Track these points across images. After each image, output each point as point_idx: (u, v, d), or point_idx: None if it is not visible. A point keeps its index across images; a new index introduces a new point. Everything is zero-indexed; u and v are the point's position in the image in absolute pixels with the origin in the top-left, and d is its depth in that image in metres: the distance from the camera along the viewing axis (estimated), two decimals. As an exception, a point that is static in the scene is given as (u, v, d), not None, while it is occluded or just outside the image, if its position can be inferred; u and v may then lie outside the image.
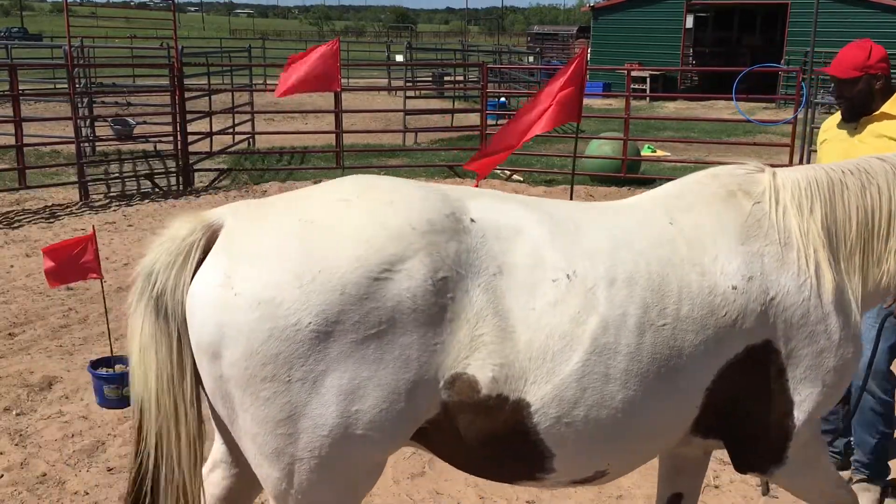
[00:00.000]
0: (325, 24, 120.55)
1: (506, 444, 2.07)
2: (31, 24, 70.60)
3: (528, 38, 49.46)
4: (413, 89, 20.61)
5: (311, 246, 1.92)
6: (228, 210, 2.14)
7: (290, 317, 1.86)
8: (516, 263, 2.04)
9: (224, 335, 1.91)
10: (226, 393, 1.96)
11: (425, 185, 2.19)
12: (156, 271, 2.05)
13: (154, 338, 2.04)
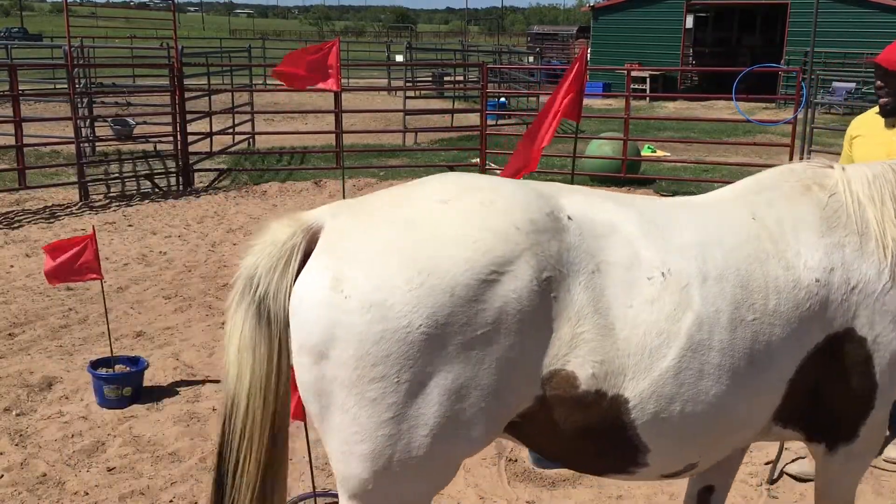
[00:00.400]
0: (324, 24, 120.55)
1: (601, 437, 2.11)
2: (31, 24, 70.59)
3: (528, 38, 49.46)
4: (413, 89, 20.61)
5: (418, 249, 1.94)
6: (327, 212, 2.15)
7: (402, 319, 1.89)
8: (613, 261, 2.08)
9: (334, 336, 1.93)
10: (325, 392, 1.98)
11: (519, 183, 2.21)
12: (258, 275, 2.10)
13: (253, 340, 2.09)
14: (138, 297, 6.57)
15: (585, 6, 31.50)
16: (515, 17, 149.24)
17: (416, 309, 1.89)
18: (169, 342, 5.66)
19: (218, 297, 6.61)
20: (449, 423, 1.95)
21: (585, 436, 2.10)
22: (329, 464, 4.09)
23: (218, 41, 39.32)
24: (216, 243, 8.29)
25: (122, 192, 10.83)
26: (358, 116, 18.64)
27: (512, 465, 4.07)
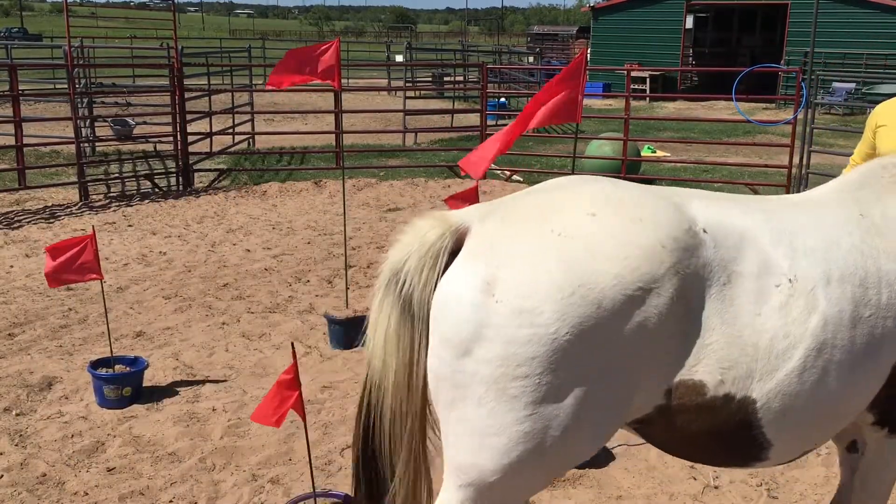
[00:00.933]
0: (324, 25, 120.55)
1: (726, 436, 2.21)
2: (31, 24, 70.59)
3: (527, 38, 49.47)
4: (413, 89, 20.61)
5: (569, 260, 2.03)
6: (475, 215, 2.25)
7: (550, 326, 1.99)
8: (743, 272, 2.16)
9: (481, 336, 2.03)
10: (462, 385, 2.07)
11: (655, 194, 2.26)
12: (405, 272, 2.20)
13: (398, 332, 2.21)
14: (138, 297, 6.57)
15: (585, 6, 31.50)
16: (515, 18, 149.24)
17: (563, 318, 1.99)
18: (169, 342, 5.66)
19: (218, 297, 6.61)
20: (577, 425, 2.06)
21: (709, 435, 2.20)
22: (329, 464, 4.10)
23: (218, 41, 39.34)
24: (216, 243, 8.29)
25: (122, 192, 10.83)
26: (358, 116, 18.64)
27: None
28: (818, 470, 4.08)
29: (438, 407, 2.18)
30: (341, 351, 5.53)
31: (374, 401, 2.30)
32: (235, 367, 5.26)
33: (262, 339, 5.76)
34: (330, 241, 8.42)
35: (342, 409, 4.67)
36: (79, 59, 12.99)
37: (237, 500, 3.75)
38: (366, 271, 7.39)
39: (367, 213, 9.82)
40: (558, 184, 2.34)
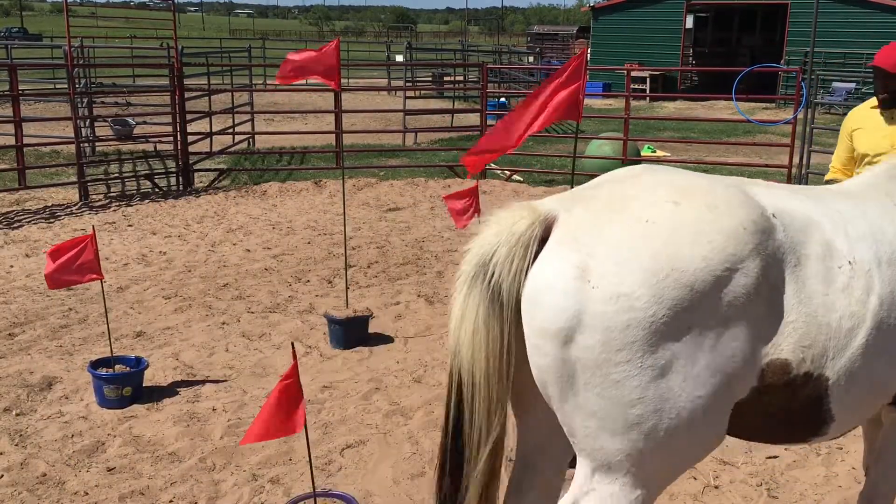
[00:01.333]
0: (324, 25, 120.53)
1: (799, 414, 2.32)
2: (31, 24, 70.60)
3: (527, 38, 49.47)
4: (413, 89, 20.61)
5: (659, 245, 2.12)
6: (559, 205, 2.29)
7: (647, 309, 2.06)
8: (810, 254, 2.27)
9: (581, 322, 2.10)
10: (568, 373, 2.14)
11: (721, 182, 2.36)
12: (494, 262, 2.23)
13: (486, 324, 2.25)
14: (138, 297, 6.57)
15: (585, 6, 31.49)
16: (515, 17, 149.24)
17: (660, 300, 2.06)
18: (169, 342, 5.66)
19: (218, 297, 6.61)
20: (687, 407, 2.12)
21: (784, 414, 2.30)
22: (329, 464, 4.10)
23: (218, 41, 39.33)
24: (216, 243, 8.29)
25: (122, 192, 10.83)
26: (358, 116, 18.63)
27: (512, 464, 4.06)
28: (818, 470, 4.08)
29: (551, 399, 2.23)
30: (341, 351, 5.53)
31: (465, 395, 2.33)
32: (235, 367, 5.26)
33: (262, 339, 5.76)
34: (330, 240, 8.42)
35: (342, 409, 4.67)
36: (79, 59, 12.99)
37: (237, 500, 3.75)
38: (366, 271, 7.39)
39: (367, 213, 9.82)
40: (628, 174, 2.41)
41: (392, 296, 6.69)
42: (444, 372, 5.19)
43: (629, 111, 11.78)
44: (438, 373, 5.19)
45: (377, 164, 13.20)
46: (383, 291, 6.82)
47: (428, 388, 4.96)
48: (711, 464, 4.09)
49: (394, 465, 4.06)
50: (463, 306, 2.29)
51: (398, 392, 4.90)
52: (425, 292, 6.78)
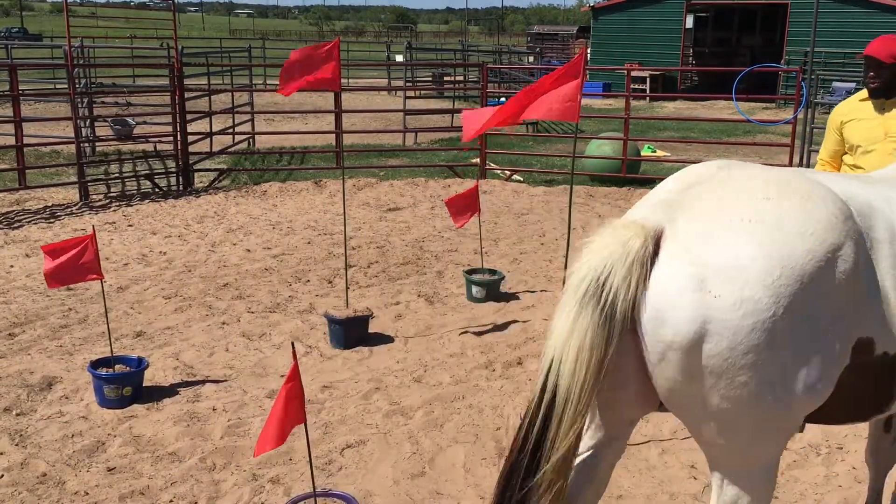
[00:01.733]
0: (324, 24, 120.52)
1: (871, 392, 2.41)
2: (31, 24, 70.58)
3: (527, 38, 49.47)
4: (413, 89, 20.61)
5: (766, 244, 2.18)
6: (659, 216, 2.33)
7: (768, 311, 2.13)
8: (879, 238, 2.37)
9: (707, 332, 2.15)
10: (695, 380, 2.21)
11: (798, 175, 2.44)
12: (610, 283, 2.25)
13: (593, 342, 2.25)
14: (138, 297, 6.57)
15: (585, 6, 31.48)
16: (515, 17, 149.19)
17: (777, 300, 2.13)
18: (169, 342, 5.66)
19: (218, 296, 6.61)
20: (802, 394, 2.21)
21: (859, 392, 2.37)
22: (329, 464, 4.10)
23: (218, 41, 39.33)
24: (216, 243, 8.29)
25: (122, 192, 10.83)
26: (358, 116, 18.64)
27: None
28: (818, 469, 4.08)
29: (675, 406, 2.32)
30: (341, 351, 5.53)
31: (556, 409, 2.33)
32: (235, 367, 5.26)
33: (262, 339, 5.76)
34: (330, 240, 8.42)
35: (342, 408, 4.67)
36: (79, 59, 12.99)
37: (237, 500, 3.75)
38: (366, 271, 7.39)
39: (367, 212, 9.82)
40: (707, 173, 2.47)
41: (392, 296, 6.70)
42: (445, 371, 5.19)
43: (629, 111, 11.78)
44: (438, 373, 5.19)
45: (377, 164, 13.20)
46: (383, 291, 6.82)
47: (428, 388, 4.96)
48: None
49: (394, 465, 4.06)
50: (572, 327, 2.29)
51: (398, 392, 4.90)
52: (425, 292, 6.78)
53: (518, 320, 6.15)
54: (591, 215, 9.81)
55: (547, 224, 9.32)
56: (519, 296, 6.73)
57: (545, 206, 10.36)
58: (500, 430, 4.42)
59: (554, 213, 9.89)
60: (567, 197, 10.44)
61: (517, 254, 8.01)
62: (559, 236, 8.65)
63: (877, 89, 4.28)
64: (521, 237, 8.69)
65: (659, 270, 2.23)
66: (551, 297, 6.64)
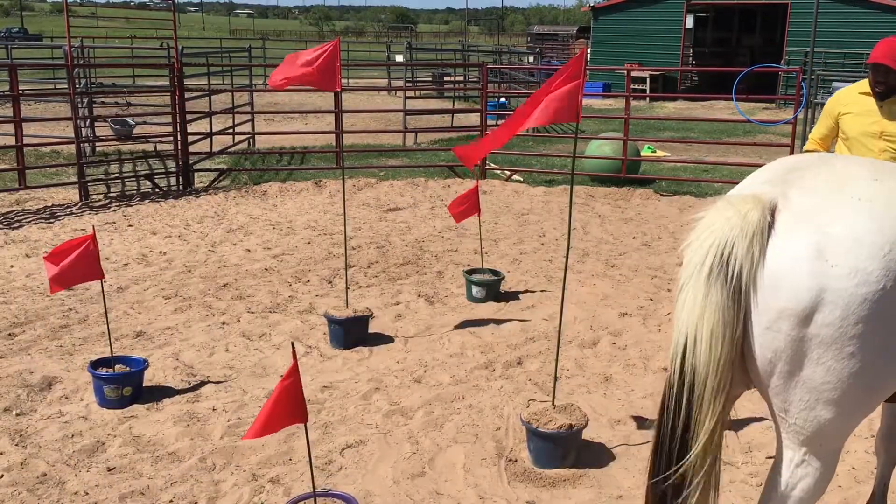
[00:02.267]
0: (325, 25, 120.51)
1: None
2: (31, 24, 70.61)
3: (527, 38, 49.48)
4: (413, 89, 20.61)
5: (878, 220, 2.27)
6: (776, 192, 2.40)
7: (878, 283, 2.22)
8: None
9: (822, 301, 2.23)
10: (801, 351, 2.28)
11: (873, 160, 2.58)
12: (735, 256, 2.32)
13: (725, 315, 2.33)
14: (138, 297, 6.57)
15: (585, 6, 31.49)
16: (515, 17, 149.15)
17: (888, 273, 2.22)
18: (169, 342, 5.66)
19: (218, 297, 6.61)
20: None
21: None
22: (329, 464, 4.10)
23: (218, 41, 39.33)
24: (216, 243, 8.29)
25: (122, 192, 10.83)
26: (358, 116, 18.64)
27: (512, 465, 4.07)
28: (818, 470, 4.08)
29: (772, 378, 2.36)
30: (341, 351, 5.53)
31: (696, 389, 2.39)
32: (235, 367, 5.26)
33: (262, 339, 5.76)
34: (330, 240, 8.42)
35: (342, 408, 4.67)
36: (79, 59, 12.99)
37: (237, 500, 3.75)
38: (366, 271, 7.39)
39: (367, 213, 9.82)
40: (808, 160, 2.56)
41: (392, 296, 6.70)
42: (445, 372, 5.19)
43: (629, 111, 11.78)
44: (438, 373, 5.19)
45: (377, 164, 13.20)
46: (383, 291, 6.82)
47: (428, 388, 4.96)
48: (711, 464, 4.09)
49: (394, 465, 4.06)
50: (703, 304, 2.35)
51: (398, 392, 4.90)
52: (425, 292, 6.78)
53: (518, 320, 6.15)
54: (591, 215, 9.81)
55: (547, 224, 9.32)
56: (519, 296, 6.73)
57: (545, 206, 10.36)
58: (500, 431, 4.42)
59: (554, 213, 9.89)
60: (567, 197, 10.45)
61: (517, 254, 8.01)
62: (559, 236, 8.65)
63: (882, 93, 4.41)
64: (521, 237, 8.69)
65: (776, 240, 2.31)
66: (551, 296, 6.64)
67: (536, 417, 4.07)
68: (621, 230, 9.10)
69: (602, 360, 5.45)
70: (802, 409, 2.34)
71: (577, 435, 4.07)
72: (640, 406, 4.74)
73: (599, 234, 8.91)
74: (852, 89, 4.67)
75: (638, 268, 7.56)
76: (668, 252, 8.18)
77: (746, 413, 4.55)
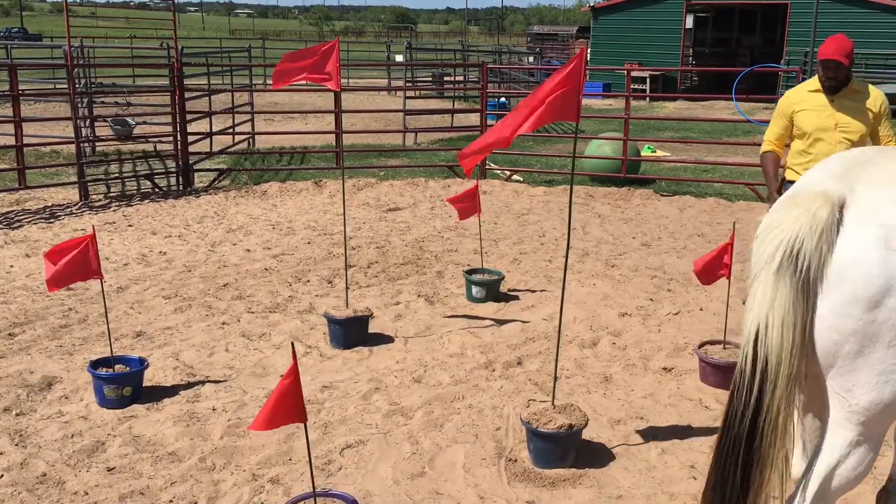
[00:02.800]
0: (324, 25, 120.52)
1: None
2: (31, 24, 70.64)
3: (527, 38, 49.49)
4: (413, 89, 20.61)
5: None
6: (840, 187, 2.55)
7: None
8: None
9: (891, 286, 2.39)
10: (870, 335, 2.43)
11: None
12: (804, 251, 2.48)
13: (794, 306, 2.49)
14: (138, 297, 6.57)
15: (585, 6, 31.50)
16: (515, 17, 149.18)
17: None
18: (169, 342, 5.66)
19: (218, 297, 6.61)
20: None
21: None
22: (329, 464, 4.10)
23: (218, 41, 39.35)
24: (216, 243, 8.29)
25: (122, 192, 10.83)
26: (358, 116, 18.64)
27: (512, 465, 4.07)
28: (818, 470, 4.08)
29: (838, 360, 2.49)
30: (341, 351, 5.53)
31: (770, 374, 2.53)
32: (235, 367, 5.26)
33: (262, 339, 5.76)
34: (330, 240, 8.42)
35: (342, 409, 4.67)
36: (79, 59, 12.99)
37: (237, 500, 3.75)
38: (366, 271, 7.39)
39: (367, 213, 9.82)
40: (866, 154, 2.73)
41: (392, 296, 6.70)
42: (445, 372, 5.19)
43: (629, 111, 11.78)
44: (438, 373, 5.19)
45: (377, 164, 13.20)
46: (383, 291, 6.82)
47: (428, 388, 4.96)
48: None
49: (394, 465, 4.06)
50: (773, 296, 2.51)
51: (398, 392, 4.90)
52: (425, 292, 6.78)
53: (518, 320, 6.15)
54: (591, 215, 9.81)
55: (547, 224, 9.32)
56: (519, 296, 6.73)
57: (545, 206, 10.36)
58: (500, 431, 4.42)
59: (554, 213, 9.89)
60: (567, 197, 10.45)
61: (517, 254, 8.01)
62: (559, 236, 8.65)
63: (833, 87, 4.85)
64: (521, 237, 8.69)
65: (846, 233, 2.47)
66: (551, 296, 6.64)
67: (536, 417, 4.07)
68: (621, 230, 9.10)
69: (602, 360, 5.45)
70: (868, 390, 2.47)
71: (577, 435, 4.07)
72: (640, 406, 4.75)
73: (599, 234, 8.91)
74: (801, 89, 5.07)
75: (638, 268, 7.56)
76: (667, 252, 8.18)
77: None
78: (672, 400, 4.84)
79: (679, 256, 8.00)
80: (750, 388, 2.57)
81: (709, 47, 33.68)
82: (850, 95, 4.93)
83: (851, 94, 4.93)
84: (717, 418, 4.60)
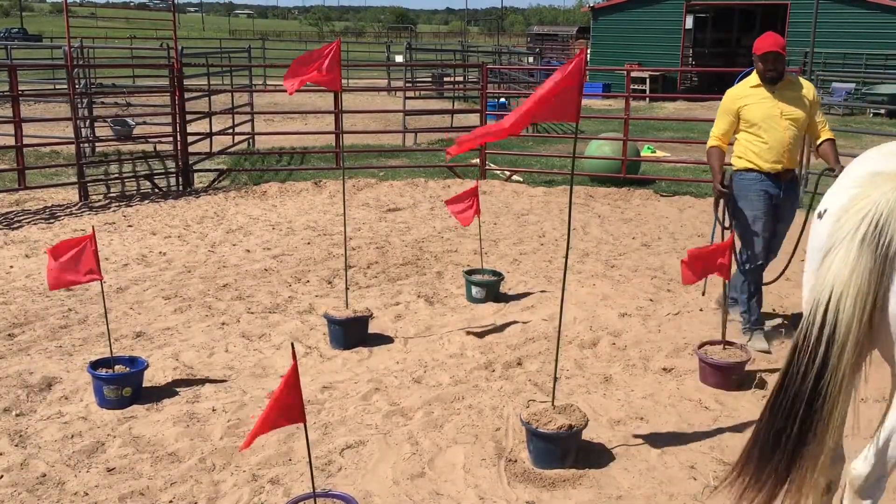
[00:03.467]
0: (324, 25, 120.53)
1: None
2: (31, 24, 70.64)
3: (527, 38, 49.51)
4: (413, 90, 20.61)
5: None
6: None
7: None
8: None
9: None
10: None
11: None
12: (888, 224, 2.61)
13: (871, 275, 2.62)
14: (138, 298, 6.57)
15: (585, 6, 31.51)
16: (515, 18, 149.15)
17: None
18: (169, 342, 5.66)
19: (218, 297, 6.61)
20: None
21: None
22: (329, 464, 4.10)
23: (218, 41, 39.36)
24: (216, 243, 8.29)
25: (121, 193, 10.83)
26: (358, 117, 18.64)
27: (512, 465, 4.07)
28: (818, 470, 4.08)
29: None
30: (341, 351, 5.53)
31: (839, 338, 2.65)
32: (235, 367, 5.26)
33: (262, 339, 5.76)
34: (330, 241, 8.42)
35: (342, 409, 4.67)
36: (79, 60, 12.99)
37: (237, 500, 3.74)
38: (366, 271, 7.39)
39: (367, 213, 9.82)
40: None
41: (392, 296, 6.69)
42: (444, 372, 5.19)
43: (629, 111, 11.78)
44: (438, 373, 5.19)
45: (377, 164, 13.20)
46: (383, 291, 6.82)
47: (428, 388, 4.96)
48: (711, 464, 4.09)
49: (394, 465, 4.06)
50: (853, 266, 2.64)
51: (398, 392, 4.90)
52: (425, 292, 6.77)
53: (518, 320, 6.15)
54: (591, 215, 9.81)
55: (547, 224, 9.32)
56: (519, 296, 6.73)
57: (545, 206, 10.36)
58: (500, 431, 4.42)
59: (554, 214, 9.89)
60: (567, 197, 10.44)
61: (517, 254, 8.01)
62: (559, 236, 8.65)
63: (773, 79, 5.30)
64: (521, 237, 8.69)
65: None
66: (551, 297, 6.64)
67: (536, 418, 4.07)
68: (621, 230, 9.10)
69: (602, 360, 5.45)
70: None
71: (577, 435, 4.07)
72: (640, 406, 4.74)
73: (599, 234, 8.91)
74: (742, 86, 5.49)
75: (638, 268, 7.56)
76: (667, 252, 8.18)
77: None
78: (672, 400, 4.84)
79: (679, 257, 8.00)
80: (815, 351, 2.69)
81: (708, 48, 33.70)
82: (788, 87, 5.40)
83: (789, 86, 5.40)
84: (718, 418, 4.61)
